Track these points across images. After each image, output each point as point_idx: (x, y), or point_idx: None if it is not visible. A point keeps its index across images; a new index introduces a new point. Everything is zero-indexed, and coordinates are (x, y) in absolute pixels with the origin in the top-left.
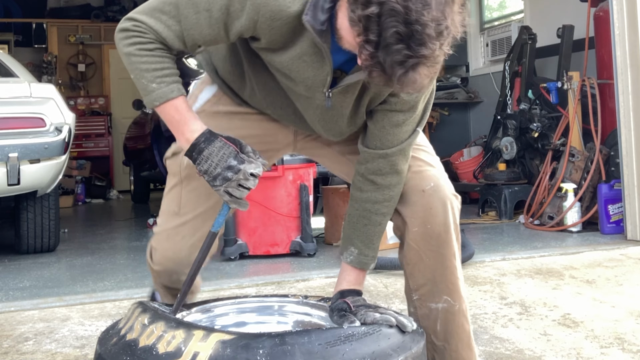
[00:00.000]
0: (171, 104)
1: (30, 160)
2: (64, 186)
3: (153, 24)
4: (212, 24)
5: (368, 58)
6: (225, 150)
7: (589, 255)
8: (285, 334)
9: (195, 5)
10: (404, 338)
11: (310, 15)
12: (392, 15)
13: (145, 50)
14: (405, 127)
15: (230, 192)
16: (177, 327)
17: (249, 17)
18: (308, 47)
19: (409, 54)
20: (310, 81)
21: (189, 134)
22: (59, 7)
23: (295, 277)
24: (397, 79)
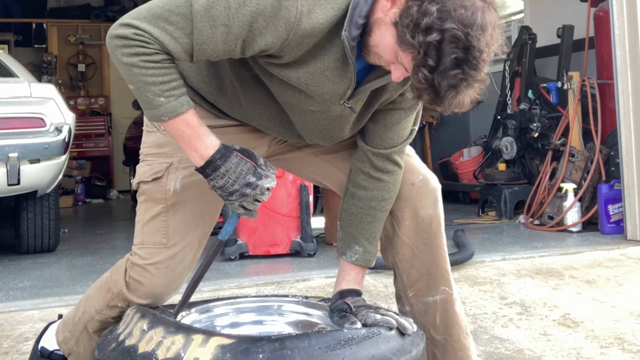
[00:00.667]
0: (182, 119)
1: (30, 160)
2: (64, 186)
3: (158, 35)
4: (228, 40)
5: (422, 81)
6: (243, 167)
7: (589, 255)
8: (285, 337)
9: (212, 19)
10: (403, 341)
11: (348, 31)
12: (453, 42)
13: (151, 62)
14: (407, 125)
15: (246, 206)
16: (176, 332)
17: (277, 35)
18: (332, 61)
19: (463, 77)
20: (328, 95)
21: (203, 150)
22: (59, 7)
23: (295, 277)
24: (447, 101)
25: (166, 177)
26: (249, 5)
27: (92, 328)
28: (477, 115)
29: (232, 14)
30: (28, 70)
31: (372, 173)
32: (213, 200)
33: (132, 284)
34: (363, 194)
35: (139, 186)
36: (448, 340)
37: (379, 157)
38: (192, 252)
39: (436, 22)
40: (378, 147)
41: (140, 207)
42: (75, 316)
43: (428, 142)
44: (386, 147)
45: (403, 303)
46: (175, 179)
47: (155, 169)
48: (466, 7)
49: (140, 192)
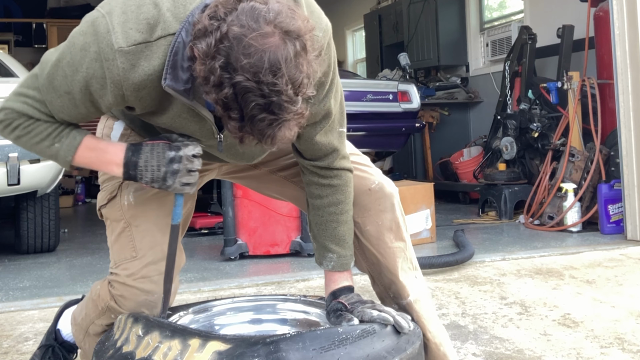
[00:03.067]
0: (81, 148)
1: (30, 160)
2: (64, 186)
3: (21, 108)
4: (77, 105)
5: (236, 131)
6: (157, 149)
7: (589, 255)
8: (280, 340)
9: (55, 89)
10: (398, 340)
11: (170, 78)
12: (247, 92)
13: (28, 126)
14: (330, 133)
15: (185, 181)
16: (172, 337)
17: (113, 93)
18: (182, 105)
19: (274, 118)
20: (198, 133)
21: (115, 157)
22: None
23: (295, 277)
24: (270, 141)
25: (119, 194)
26: (80, 71)
27: (93, 332)
28: (477, 115)
29: (69, 81)
30: (28, 70)
31: (322, 181)
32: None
33: (118, 300)
34: (320, 203)
35: (101, 213)
36: (429, 339)
37: (321, 169)
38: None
39: (224, 77)
40: (314, 159)
41: (107, 231)
42: (80, 315)
43: (428, 142)
44: (321, 158)
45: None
46: (127, 193)
47: (109, 190)
48: (250, 54)
49: (104, 218)
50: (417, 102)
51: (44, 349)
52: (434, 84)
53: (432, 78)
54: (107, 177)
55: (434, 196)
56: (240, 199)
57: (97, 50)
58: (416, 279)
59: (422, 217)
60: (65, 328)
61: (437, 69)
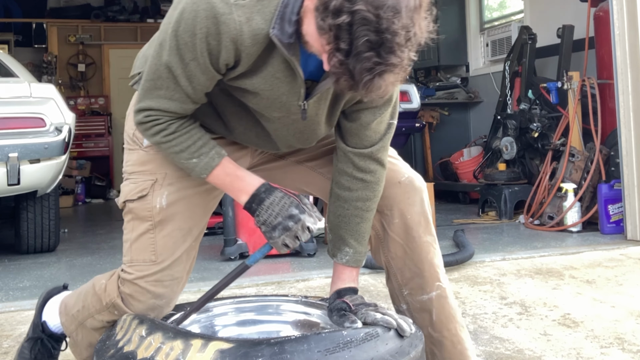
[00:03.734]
0: (218, 170)
1: (30, 160)
2: (64, 186)
3: (157, 105)
4: (203, 70)
5: (337, 65)
6: (287, 200)
7: (589, 255)
8: (284, 341)
9: (182, 61)
10: (402, 343)
11: (278, 29)
12: (364, 24)
13: (170, 134)
14: (383, 121)
15: (288, 243)
16: (174, 338)
17: (228, 49)
18: (280, 63)
19: (379, 61)
20: (285, 97)
21: (248, 187)
22: (59, 7)
23: (295, 277)
24: (363, 85)
25: (152, 195)
26: (197, 33)
27: (91, 325)
28: (477, 115)
29: (191, 47)
30: (28, 70)
31: (355, 174)
32: (201, 214)
33: (126, 299)
34: (348, 195)
35: (125, 205)
36: (446, 336)
37: (361, 157)
38: (182, 265)
39: (345, 4)
40: (358, 146)
41: (127, 225)
42: (75, 307)
43: (428, 142)
44: (366, 146)
45: (399, 302)
46: (160, 195)
47: (140, 187)
48: None
49: (127, 211)
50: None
51: (31, 341)
52: (434, 84)
53: (432, 78)
54: (138, 169)
55: (434, 196)
56: None
57: (206, 8)
58: (445, 275)
59: None
60: (51, 319)
61: (437, 69)
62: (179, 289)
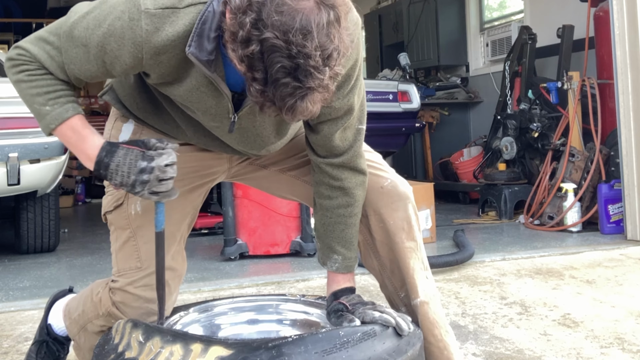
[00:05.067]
0: (67, 125)
1: (30, 160)
2: (64, 186)
3: (36, 52)
4: (90, 60)
5: (257, 94)
6: (131, 156)
7: (589, 255)
8: (282, 344)
9: (74, 39)
10: (399, 342)
11: (195, 46)
12: (275, 51)
13: (34, 75)
14: (349, 129)
15: (155, 190)
16: (174, 342)
17: (131, 55)
18: (202, 77)
19: (298, 85)
20: (214, 110)
21: (90, 150)
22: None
23: (295, 277)
24: (287, 110)
25: (126, 202)
26: (102, 26)
27: (92, 330)
28: (477, 115)
29: (89, 34)
30: None
31: (332, 182)
32: (179, 218)
33: (119, 307)
34: (329, 204)
35: (106, 217)
36: (432, 342)
37: (333, 167)
38: (169, 270)
39: (253, 32)
40: (328, 156)
41: (111, 237)
42: (76, 311)
43: (428, 142)
44: (336, 155)
45: (397, 305)
46: (135, 202)
47: (116, 197)
48: (282, 13)
49: (109, 223)
50: (417, 102)
51: (38, 344)
52: (434, 84)
53: (432, 78)
54: None
55: (434, 196)
56: (240, 199)
57: (123, 10)
58: (427, 280)
59: (422, 217)
60: (56, 322)
61: (437, 69)
62: (170, 292)
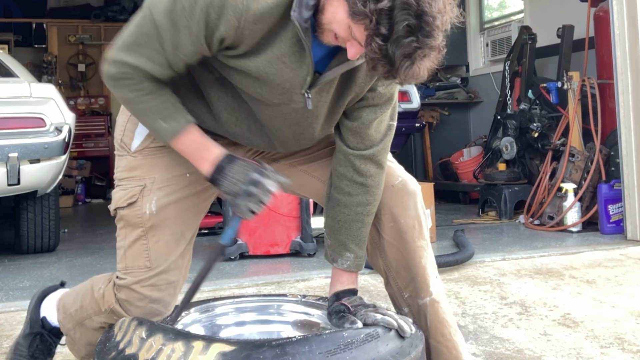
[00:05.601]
0: (184, 137)
1: (30, 160)
2: (64, 186)
3: (136, 62)
4: (193, 41)
5: (377, 51)
6: (248, 167)
7: (589, 255)
8: (286, 343)
9: (174, 24)
10: (402, 343)
11: (297, 12)
12: (405, 8)
13: (140, 90)
14: (384, 120)
15: (252, 208)
16: (175, 339)
17: (229, 24)
18: (287, 47)
19: (418, 45)
20: (288, 83)
21: (211, 157)
22: (59, 7)
23: (295, 277)
24: (403, 71)
25: (141, 201)
26: (199, 2)
27: (90, 326)
28: (477, 115)
29: (188, 14)
30: (28, 70)
31: (356, 178)
32: (192, 217)
33: (123, 304)
34: (348, 200)
35: (116, 212)
36: (441, 342)
37: (362, 160)
38: (177, 269)
39: None
40: (359, 148)
41: (120, 232)
42: (73, 307)
43: (428, 142)
44: (367, 147)
45: (401, 305)
46: (149, 201)
47: (130, 194)
48: None
49: (118, 218)
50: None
51: (29, 337)
52: (434, 84)
53: (432, 78)
54: (126, 175)
55: (434, 196)
56: None
57: None
58: (437, 279)
59: None
60: (51, 315)
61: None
62: (176, 292)
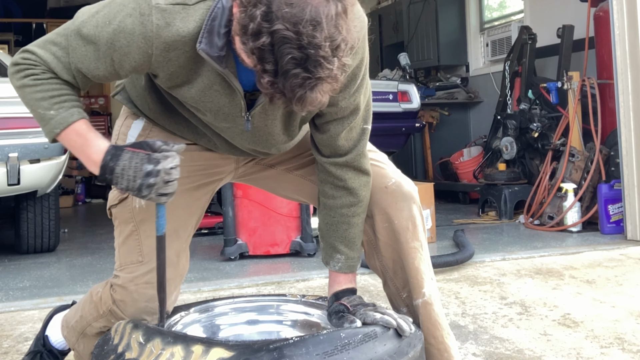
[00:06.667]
0: (72, 129)
1: (30, 160)
2: (64, 186)
3: (42, 54)
4: (99, 58)
5: (268, 86)
6: (136, 159)
7: (589, 255)
8: (283, 346)
9: (83, 37)
10: (400, 343)
11: (205, 42)
12: (285, 43)
13: (39, 79)
14: (354, 129)
15: (162, 192)
16: (174, 343)
17: (141, 51)
18: (214, 76)
19: (308, 75)
20: (227, 109)
21: (95, 155)
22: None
23: (295, 277)
24: (297, 101)
25: (131, 197)
26: (112, 23)
27: (90, 333)
28: (477, 115)
29: (98, 32)
30: None
31: (336, 182)
32: (184, 215)
33: (119, 304)
34: (333, 203)
35: (111, 212)
36: (432, 344)
37: (337, 167)
38: (171, 267)
39: (263, 25)
40: (332, 156)
41: (115, 231)
42: (74, 318)
43: (428, 142)
44: (340, 154)
45: (399, 306)
46: None
47: (118, 191)
48: (292, 5)
49: (114, 217)
50: (417, 102)
51: (32, 355)
52: (434, 84)
53: (432, 78)
54: None
55: (434, 196)
56: (240, 199)
57: (134, 7)
58: (431, 281)
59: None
60: (53, 334)
61: (437, 69)
62: (170, 291)
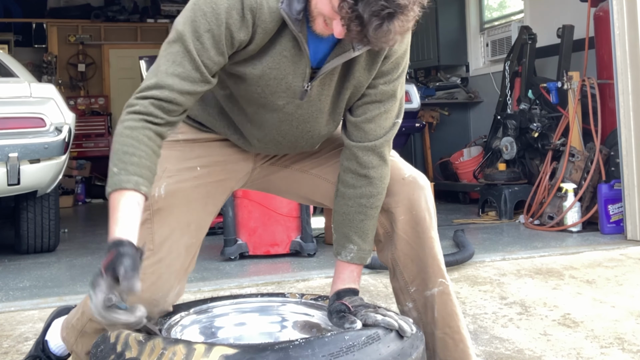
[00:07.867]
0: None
1: (30, 160)
2: (64, 186)
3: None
4: (216, 44)
5: (348, 11)
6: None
7: (589, 255)
8: (289, 347)
9: (197, 31)
10: (403, 344)
11: (286, 4)
12: None
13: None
14: (388, 116)
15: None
16: (176, 342)
17: (247, 24)
18: (287, 41)
19: (387, 5)
20: (290, 77)
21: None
22: (59, 7)
23: (295, 277)
24: (373, 30)
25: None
26: (220, 5)
27: (90, 330)
28: (477, 115)
29: (209, 18)
30: (28, 70)
31: (359, 170)
32: (199, 210)
33: None
34: (352, 192)
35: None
36: (447, 333)
37: (364, 151)
38: (180, 260)
39: None
40: (362, 140)
41: None
42: (75, 316)
43: (428, 142)
44: (370, 140)
45: (405, 300)
46: (159, 185)
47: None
48: None
49: None
50: (417, 102)
51: (31, 359)
52: (434, 84)
53: (432, 78)
54: None
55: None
56: (240, 199)
57: None
58: (446, 273)
59: None
60: (53, 339)
61: (437, 69)
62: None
